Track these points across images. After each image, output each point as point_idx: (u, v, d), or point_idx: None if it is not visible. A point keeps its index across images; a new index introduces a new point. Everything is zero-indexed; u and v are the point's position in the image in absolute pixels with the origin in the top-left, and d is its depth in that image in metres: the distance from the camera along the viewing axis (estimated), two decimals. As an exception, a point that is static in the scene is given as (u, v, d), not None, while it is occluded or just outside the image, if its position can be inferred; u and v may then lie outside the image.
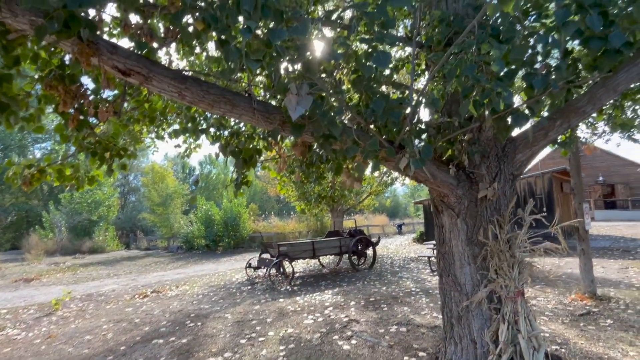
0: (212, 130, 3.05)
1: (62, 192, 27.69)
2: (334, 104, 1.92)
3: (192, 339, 4.46)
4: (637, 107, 3.27)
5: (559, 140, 2.92)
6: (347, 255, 9.34)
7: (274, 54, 1.58)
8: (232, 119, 2.93)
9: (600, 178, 27.43)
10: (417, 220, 43.78)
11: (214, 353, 3.91)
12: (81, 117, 2.29)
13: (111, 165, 2.80)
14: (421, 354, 3.54)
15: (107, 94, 2.74)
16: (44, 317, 6.12)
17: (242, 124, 2.93)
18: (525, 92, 1.65)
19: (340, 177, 3.51)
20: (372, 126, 2.06)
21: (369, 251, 9.99)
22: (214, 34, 1.67)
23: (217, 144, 2.96)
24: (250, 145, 2.60)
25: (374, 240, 10.15)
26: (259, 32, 1.65)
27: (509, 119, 1.82)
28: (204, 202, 21.46)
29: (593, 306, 5.13)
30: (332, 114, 1.75)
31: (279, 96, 2.21)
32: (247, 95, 2.04)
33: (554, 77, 1.57)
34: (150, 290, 7.98)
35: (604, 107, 3.62)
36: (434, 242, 9.87)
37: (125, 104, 3.09)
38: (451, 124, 2.23)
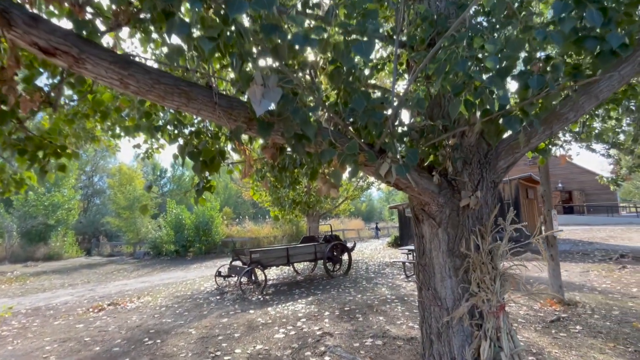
0: (169, 127, 2.71)
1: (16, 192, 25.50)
2: (309, 101, 1.68)
3: (148, 359, 4.02)
4: (608, 115, 3.32)
5: (538, 148, 2.85)
6: (322, 261, 9.10)
7: (233, 34, 1.32)
8: (194, 116, 2.61)
9: (560, 185, 29.11)
10: (391, 224, 44.46)
11: (172, 376, 3.52)
12: (3, 107, 1.90)
13: (44, 167, 2.39)
14: (398, 370, 3.35)
15: (45, 82, 2.34)
16: (-22, 336, 5.39)
17: (207, 122, 2.61)
18: (518, 93, 1.50)
19: (315, 182, 3.27)
20: (350, 128, 1.84)
21: (345, 257, 9.80)
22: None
23: (176, 145, 2.63)
24: (216, 146, 2.29)
25: (349, 245, 9.98)
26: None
27: (501, 122, 1.66)
28: (174, 205, 20.48)
29: (562, 312, 5.19)
30: (306, 111, 1.50)
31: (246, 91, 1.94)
32: (208, 87, 1.75)
33: (549, 77, 1.43)
34: (107, 302, 7.33)
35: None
36: (408, 247, 9.86)
37: (72, 98, 2.68)
38: (435, 128, 2.06)
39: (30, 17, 1.40)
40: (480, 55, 1.58)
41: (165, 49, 2.37)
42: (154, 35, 2.59)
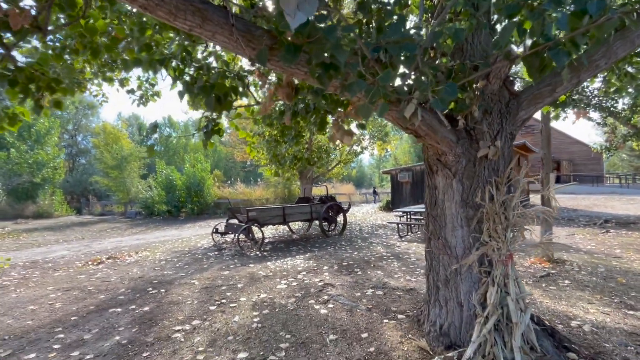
0: (174, 62, 2.50)
1: (-4, 150, 24.65)
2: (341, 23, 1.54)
3: (155, 306, 4.11)
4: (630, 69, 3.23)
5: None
6: (317, 222, 9.24)
7: None
8: (200, 49, 2.41)
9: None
10: (381, 190, 45.15)
11: (180, 321, 3.61)
12: None
13: (39, 101, 2.20)
14: (400, 316, 3.50)
15: (31, 2, 2.09)
16: (-22, 286, 5.39)
17: (211, 59, 2.42)
18: (569, 20, 1.38)
19: (322, 134, 3.17)
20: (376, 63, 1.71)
21: (340, 218, 9.95)
22: None
23: (178, 84, 2.45)
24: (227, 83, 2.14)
25: (344, 207, 10.10)
26: None
27: (546, 55, 1.57)
28: (164, 166, 20.15)
29: (551, 268, 5.45)
30: (340, 33, 1.37)
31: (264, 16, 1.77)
32: (223, 8, 1.58)
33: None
34: (105, 256, 7.37)
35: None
36: (402, 209, 10.06)
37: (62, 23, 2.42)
38: (466, 67, 1.95)
39: None
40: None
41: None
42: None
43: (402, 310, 3.66)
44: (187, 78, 2.35)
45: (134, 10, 2.52)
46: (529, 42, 1.54)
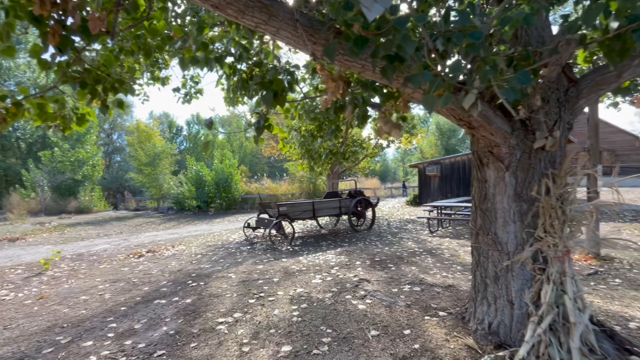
0: (229, 59, 2.52)
1: (42, 149, 26.36)
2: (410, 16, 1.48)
3: (196, 299, 4.26)
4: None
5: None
6: (345, 216, 9.22)
7: None
8: (253, 45, 2.42)
9: (588, 144, 27.80)
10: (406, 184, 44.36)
11: (222, 313, 3.71)
12: (64, 33, 1.78)
13: (105, 101, 2.31)
14: (442, 313, 3.42)
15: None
16: (34, 277, 5.81)
17: (263, 55, 2.43)
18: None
19: (360, 127, 3.12)
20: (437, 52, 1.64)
21: (368, 212, 9.87)
22: None
23: (224, 81, 2.48)
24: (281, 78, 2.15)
25: (373, 201, 10.00)
26: None
27: (628, 38, 1.43)
28: (194, 162, 20.79)
29: (598, 266, 5.14)
30: (409, 24, 1.32)
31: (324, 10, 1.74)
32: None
33: None
34: (145, 250, 7.72)
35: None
36: (432, 204, 9.81)
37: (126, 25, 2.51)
38: (530, 54, 1.83)
39: None
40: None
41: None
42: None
43: (443, 307, 3.57)
44: (243, 74, 2.37)
45: (194, 9, 2.58)
46: (613, 24, 1.41)
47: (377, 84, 2.37)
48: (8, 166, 29.73)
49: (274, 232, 7.94)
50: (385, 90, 2.29)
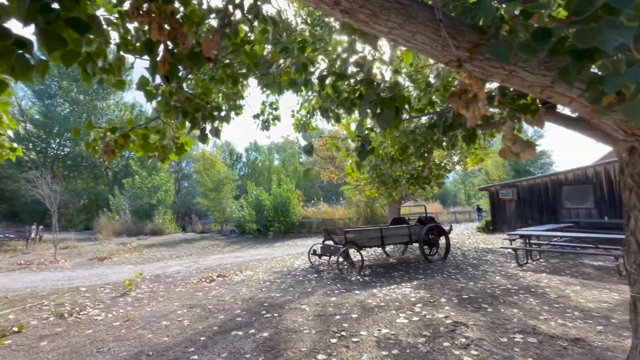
0: (329, 79, 2.35)
1: (125, 177, 29.68)
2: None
3: (273, 332, 4.00)
4: None
5: None
6: (413, 244, 8.53)
7: None
8: (366, 60, 2.21)
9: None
10: (468, 209, 41.10)
11: (305, 353, 3.38)
12: (172, 62, 1.73)
13: (204, 130, 2.26)
14: (582, 378, 2.69)
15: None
16: (120, 297, 6.12)
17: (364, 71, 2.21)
18: None
19: (467, 147, 2.70)
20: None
21: (441, 240, 9.03)
22: None
23: (320, 101, 2.29)
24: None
25: (445, 228, 9.15)
26: None
27: None
28: (254, 187, 21.59)
29: None
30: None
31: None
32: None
33: None
34: (215, 274, 7.83)
35: None
36: (520, 232, 8.64)
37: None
38: None
39: None
40: None
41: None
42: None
43: (581, 370, 2.82)
44: (348, 91, 2.17)
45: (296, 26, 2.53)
46: None
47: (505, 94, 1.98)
48: (98, 192, 34.00)
49: (341, 260, 7.55)
50: (519, 102, 1.90)
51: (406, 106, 2.05)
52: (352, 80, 2.25)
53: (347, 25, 1.75)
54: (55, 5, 1.34)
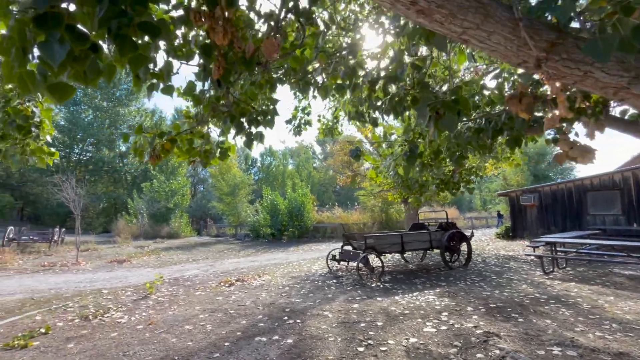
0: (380, 83, 2.28)
1: (144, 181, 30.29)
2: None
3: (298, 339, 3.93)
4: None
5: None
6: (430, 251, 8.34)
7: None
8: (426, 63, 2.15)
9: None
10: (484, 214, 40.15)
11: (331, 362, 3.30)
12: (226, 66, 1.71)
13: (250, 134, 2.24)
14: (633, 397, 2.51)
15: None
16: (141, 300, 6.17)
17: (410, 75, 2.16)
18: None
19: (511, 152, 2.58)
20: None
21: (463, 247, 8.80)
22: None
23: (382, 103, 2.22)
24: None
25: (467, 234, 8.92)
26: None
27: None
28: (269, 191, 21.67)
29: None
30: None
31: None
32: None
33: None
34: (233, 278, 7.83)
35: None
36: (545, 239, 8.33)
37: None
38: None
39: None
40: None
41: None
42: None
43: (631, 387, 2.64)
44: (402, 94, 2.12)
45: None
46: None
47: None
48: (117, 196, 34.84)
49: (361, 265, 7.43)
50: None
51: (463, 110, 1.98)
52: (403, 84, 2.18)
53: (409, 29, 1.70)
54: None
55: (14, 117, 2.89)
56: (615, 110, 2.81)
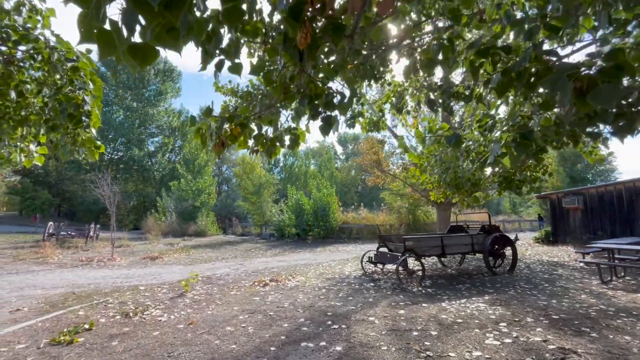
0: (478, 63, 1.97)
1: (171, 179, 31.08)
2: None
3: (347, 347, 3.67)
4: None
5: None
6: (472, 255, 7.86)
7: None
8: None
9: None
10: (515, 217, 38.34)
11: (390, 375, 3.01)
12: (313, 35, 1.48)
13: (329, 118, 1.99)
14: None
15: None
16: (177, 298, 6.12)
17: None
18: None
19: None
20: None
21: (507, 251, 8.25)
22: None
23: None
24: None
25: (511, 238, 8.35)
26: None
27: None
28: (295, 191, 21.59)
29: None
30: None
31: None
32: None
33: None
34: (267, 278, 7.68)
35: None
36: (600, 244, 7.62)
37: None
38: None
39: None
40: None
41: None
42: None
43: None
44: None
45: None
46: None
47: None
48: (147, 194, 35.97)
49: (401, 269, 7.08)
50: None
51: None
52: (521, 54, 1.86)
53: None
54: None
55: (66, 105, 2.82)
56: None
